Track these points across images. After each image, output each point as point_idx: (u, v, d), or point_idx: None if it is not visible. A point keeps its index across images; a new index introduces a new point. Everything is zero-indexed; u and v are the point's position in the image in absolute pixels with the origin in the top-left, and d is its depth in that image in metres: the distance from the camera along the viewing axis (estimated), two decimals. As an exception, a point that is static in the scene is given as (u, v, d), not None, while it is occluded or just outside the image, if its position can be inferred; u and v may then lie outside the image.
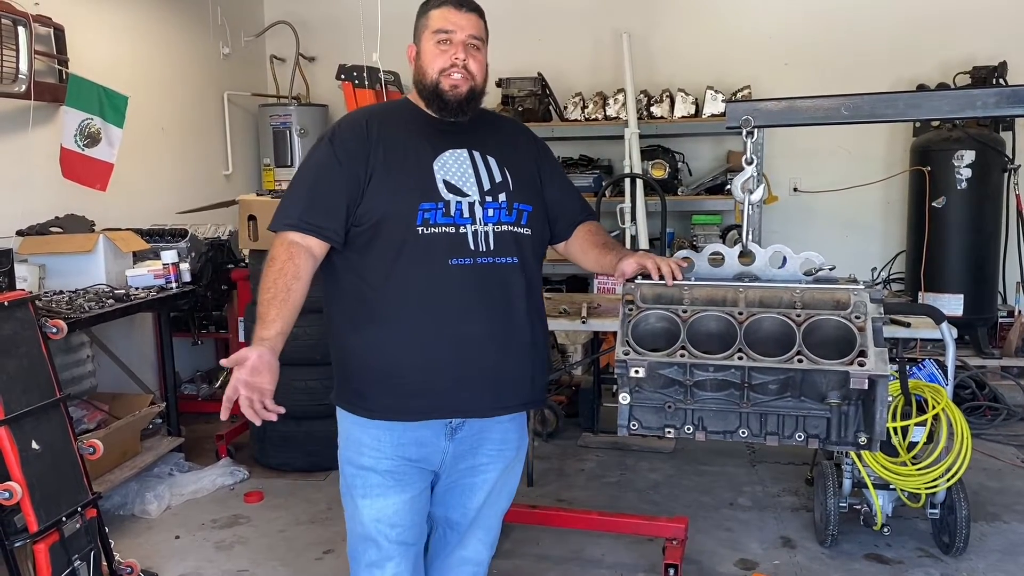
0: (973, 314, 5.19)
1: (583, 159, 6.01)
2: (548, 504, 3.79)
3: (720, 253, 2.09)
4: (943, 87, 5.17)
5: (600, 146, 6.05)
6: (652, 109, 5.66)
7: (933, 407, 3.09)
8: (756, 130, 2.11)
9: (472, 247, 1.95)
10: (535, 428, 4.51)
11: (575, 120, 5.81)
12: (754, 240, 2.09)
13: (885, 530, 3.28)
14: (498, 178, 2.02)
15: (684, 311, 1.93)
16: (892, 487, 3.19)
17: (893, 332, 3.17)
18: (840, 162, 5.82)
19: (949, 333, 3.09)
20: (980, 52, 5.39)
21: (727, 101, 4.53)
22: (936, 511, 3.23)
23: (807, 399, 1.89)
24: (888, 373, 1.77)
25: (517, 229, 2.02)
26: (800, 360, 1.80)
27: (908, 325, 3.20)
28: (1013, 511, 3.68)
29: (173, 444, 4.15)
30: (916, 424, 3.11)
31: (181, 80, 5.58)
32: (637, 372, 1.86)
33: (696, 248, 2.33)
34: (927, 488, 3.09)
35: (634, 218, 5.31)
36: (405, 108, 2.10)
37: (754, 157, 2.09)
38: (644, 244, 5.27)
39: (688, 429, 1.95)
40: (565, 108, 5.87)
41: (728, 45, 5.88)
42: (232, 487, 4.07)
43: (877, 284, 3.05)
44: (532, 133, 2.27)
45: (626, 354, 1.88)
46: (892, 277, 5.77)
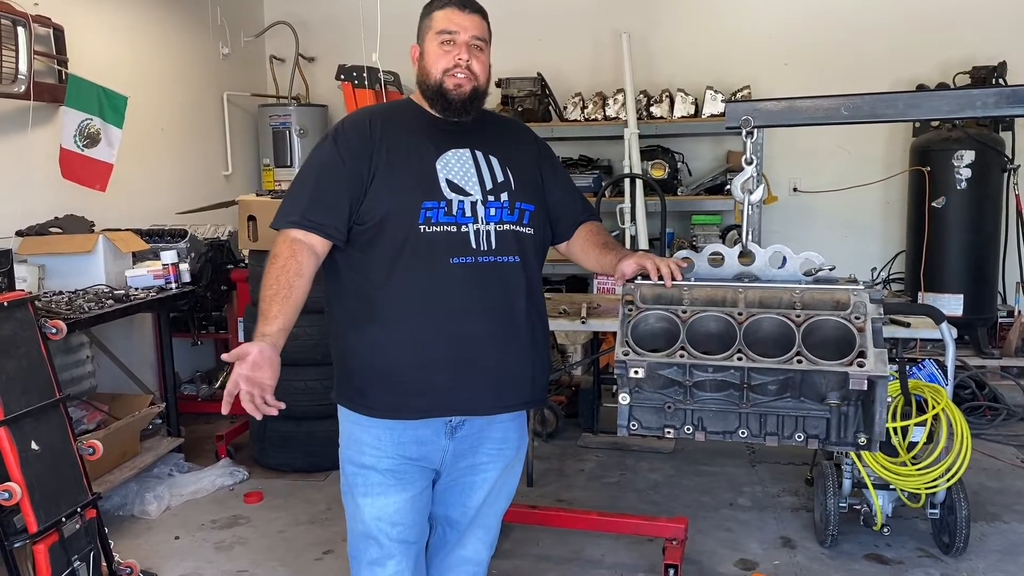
0: (973, 314, 5.19)
1: (583, 159, 6.01)
2: (548, 504, 3.79)
3: (720, 253, 2.09)
4: (943, 87, 5.17)
5: (600, 146, 6.05)
6: (652, 109, 5.66)
7: (933, 407, 3.09)
8: (756, 130, 2.11)
9: (474, 246, 1.95)
10: (535, 428, 4.51)
11: (575, 120, 5.81)
12: (754, 240, 2.09)
13: (885, 530, 3.28)
14: (500, 178, 2.03)
15: (684, 311, 1.93)
16: (892, 487, 3.19)
17: (893, 332, 3.16)
18: (840, 162, 5.82)
19: (949, 333, 3.09)
20: (980, 52, 5.39)
21: (727, 101, 4.53)
22: (936, 511, 3.22)
23: (807, 399, 1.89)
24: (887, 374, 1.77)
25: (519, 228, 2.03)
26: (799, 361, 1.80)
27: (908, 325, 3.20)
28: (1013, 511, 3.68)
29: (173, 444, 4.15)
30: (916, 424, 3.11)
31: (181, 80, 5.58)
32: (637, 372, 1.86)
33: (696, 248, 2.33)
34: (927, 488, 3.09)
35: (634, 218, 5.31)
36: (408, 108, 2.10)
37: (754, 157, 2.09)
38: (644, 244, 5.27)
39: (688, 429, 1.96)
40: (565, 108, 5.87)
41: (728, 45, 5.88)
42: (232, 487, 4.07)
43: (877, 284, 3.06)
44: (534, 133, 2.27)
45: (626, 354, 1.88)
46: (892, 277, 5.77)
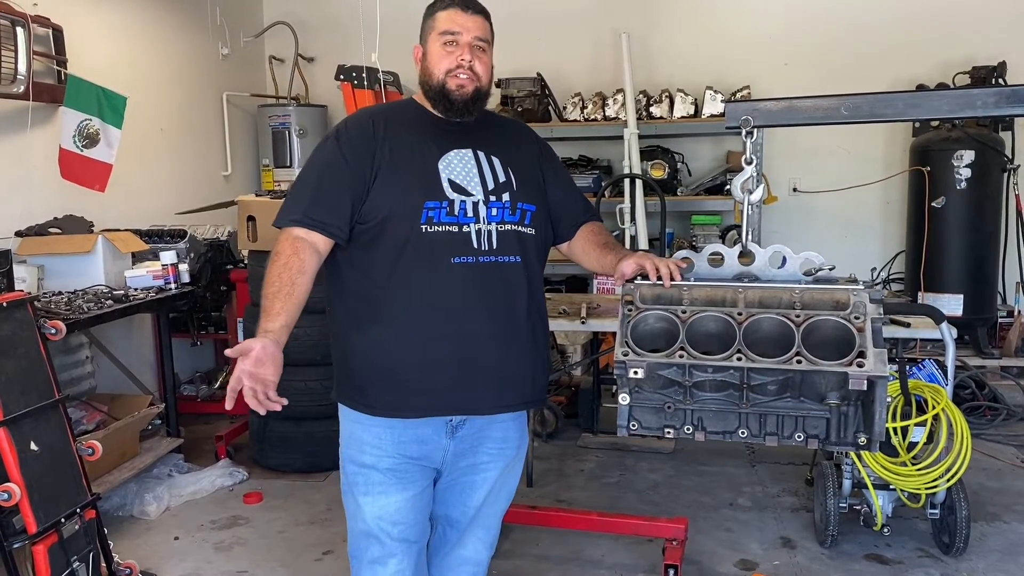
0: (973, 314, 5.19)
1: (582, 159, 6.01)
2: (548, 504, 3.78)
3: (720, 253, 2.09)
4: (942, 87, 5.17)
5: (599, 146, 6.05)
6: (651, 109, 5.66)
7: (933, 407, 3.09)
8: (755, 130, 2.11)
9: (475, 246, 1.95)
10: (535, 428, 4.51)
11: (574, 120, 5.81)
12: (754, 240, 2.09)
13: (885, 530, 3.27)
14: (502, 178, 2.03)
15: (683, 312, 1.93)
16: (892, 487, 3.18)
17: (893, 332, 3.16)
18: (840, 162, 5.81)
19: (949, 333, 3.08)
20: (980, 52, 5.39)
21: (726, 101, 4.54)
22: (936, 511, 3.22)
23: (806, 399, 1.88)
24: (887, 374, 1.77)
25: (521, 228, 2.03)
26: (799, 361, 1.80)
27: (908, 325, 3.20)
28: (1013, 511, 3.68)
29: (172, 445, 4.15)
30: (916, 424, 3.11)
31: (180, 81, 5.57)
32: (636, 373, 1.86)
33: (696, 248, 2.33)
34: (927, 488, 3.09)
35: (633, 218, 5.31)
36: (411, 108, 2.11)
37: (754, 157, 2.09)
38: (644, 244, 5.27)
39: (687, 429, 1.95)
40: (564, 108, 5.86)
41: (727, 45, 5.88)
42: (231, 488, 4.07)
43: (877, 284, 3.05)
44: (535, 134, 2.27)
45: (625, 355, 1.87)
46: (892, 277, 5.77)
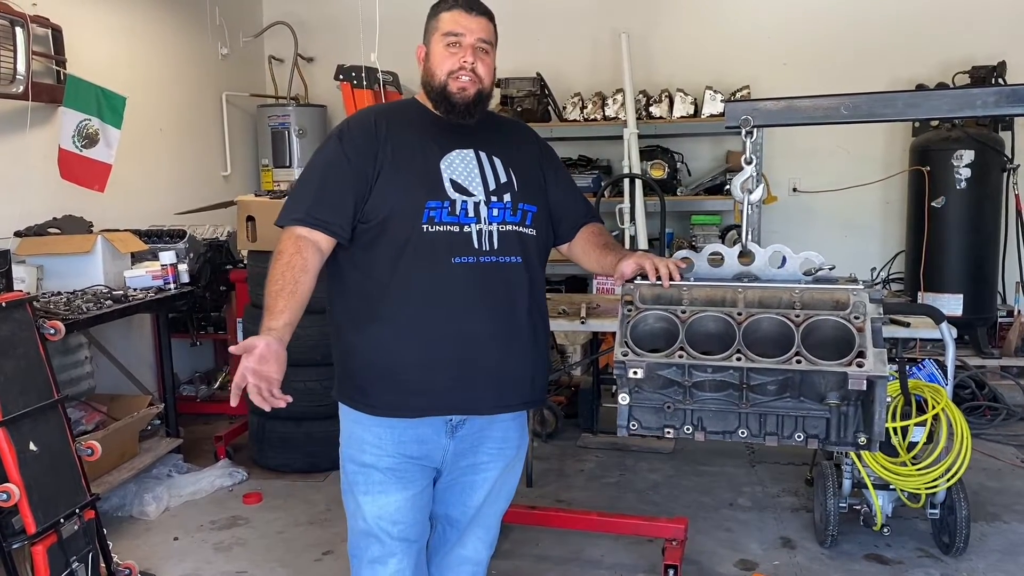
0: (973, 314, 5.18)
1: (582, 159, 6.01)
2: (547, 505, 3.78)
3: (719, 253, 2.09)
4: (942, 87, 5.17)
5: (599, 146, 6.04)
6: (651, 109, 5.66)
7: (933, 407, 3.08)
8: (755, 130, 2.11)
9: (476, 246, 1.96)
10: (534, 429, 4.50)
11: (574, 120, 5.81)
12: (753, 240, 2.09)
13: (885, 530, 3.27)
14: (503, 178, 2.03)
15: (683, 312, 1.93)
16: (892, 487, 3.18)
17: (893, 332, 3.16)
18: (839, 162, 5.81)
19: (949, 333, 3.08)
20: (979, 52, 5.39)
21: (726, 101, 4.54)
22: (936, 511, 3.22)
23: (806, 399, 1.88)
24: (887, 374, 1.77)
25: (522, 229, 2.03)
26: (799, 361, 1.79)
27: (908, 325, 3.20)
28: (1013, 511, 3.67)
29: (172, 445, 4.15)
30: (916, 424, 3.11)
31: (179, 81, 5.57)
32: (636, 373, 1.86)
33: (695, 248, 2.32)
34: (927, 488, 3.08)
35: (633, 218, 5.31)
36: (413, 108, 2.11)
37: (753, 157, 2.09)
38: (643, 244, 5.27)
39: (687, 429, 1.95)
40: (564, 108, 5.86)
41: (727, 45, 5.88)
42: (231, 488, 4.06)
43: (876, 284, 3.05)
44: (536, 135, 2.27)
45: (625, 355, 1.87)
46: (891, 277, 5.77)
